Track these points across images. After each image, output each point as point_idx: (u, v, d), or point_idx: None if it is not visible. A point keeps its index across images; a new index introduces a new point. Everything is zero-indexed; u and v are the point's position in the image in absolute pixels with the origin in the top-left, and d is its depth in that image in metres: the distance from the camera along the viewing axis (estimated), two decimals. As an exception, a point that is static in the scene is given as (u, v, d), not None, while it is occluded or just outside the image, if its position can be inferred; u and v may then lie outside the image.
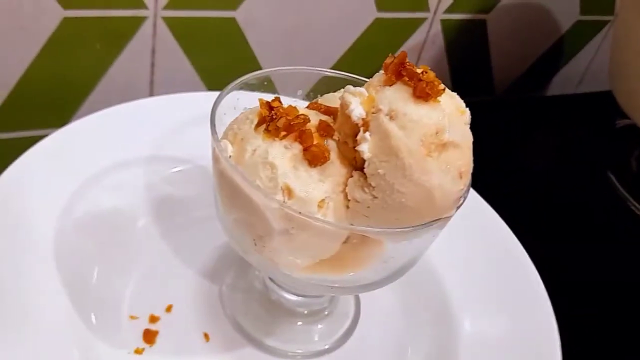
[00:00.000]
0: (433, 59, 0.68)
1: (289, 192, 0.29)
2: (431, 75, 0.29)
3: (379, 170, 0.29)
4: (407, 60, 0.31)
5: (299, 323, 0.42)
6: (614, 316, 0.50)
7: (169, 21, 0.52)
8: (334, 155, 0.30)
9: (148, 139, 0.47)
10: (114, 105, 0.48)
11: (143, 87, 0.55)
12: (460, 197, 0.31)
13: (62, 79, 0.52)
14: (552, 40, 0.75)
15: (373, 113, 0.29)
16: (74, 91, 0.53)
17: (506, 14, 0.68)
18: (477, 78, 0.74)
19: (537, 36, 0.73)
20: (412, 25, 0.64)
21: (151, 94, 0.56)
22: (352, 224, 0.30)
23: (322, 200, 0.30)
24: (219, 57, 0.56)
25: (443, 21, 0.65)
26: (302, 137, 0.29)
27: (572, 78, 0.80)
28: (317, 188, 0.29)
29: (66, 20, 0.48)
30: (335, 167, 0.30)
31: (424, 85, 0.28)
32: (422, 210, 0.29)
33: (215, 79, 0.58)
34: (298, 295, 0.41)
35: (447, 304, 0.44)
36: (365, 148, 0.29)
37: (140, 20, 0.51)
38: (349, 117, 0.30)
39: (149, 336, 0.38)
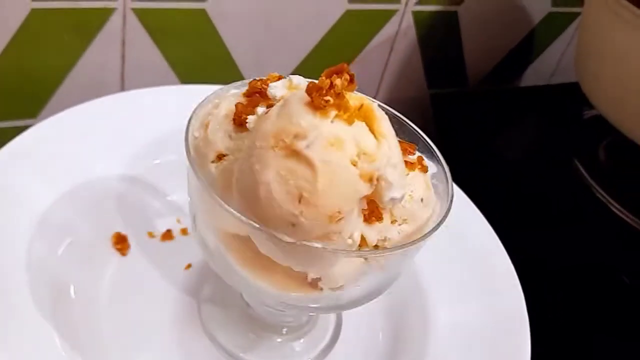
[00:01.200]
0: (405, 51, 0.69)
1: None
2: (350, 104, 0.28)
3: (246, 142, 0.30)
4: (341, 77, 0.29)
5: (279, 340, 0.42)
6: (582, 298, 0.52)
7: (138, 12, 0.53)
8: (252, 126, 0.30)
9: (122, 134, 0.48)
10: (84, 98, 0.49)
11: (114, 79, 0.56)
12: (294, 222, 0.28)
13: (31, 71, 0.52)
14: (525, 32, 0.75)
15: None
16: (44, 83, 0.53)
17: (477, 5, 0.69)
18: (450, 70, 0.74)
19: (509, 28, 0.74)
20: (384, 17, 0.64)
21: (122, 86, 0.56)
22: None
23: (221, 154, 0.30)
24: (191, 49, 0.57)
25: (415, 13, 0.65)
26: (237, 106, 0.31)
27: (545, 69, 0.81)
28: (224, 140, 0.30)
29: (34, 12, 0.49)
30: (248, 134, 0.30)
31: (318, 98, 0.27)
32: (248, 201, 0.28)
33: (188, 71, 0.58)
34: (277, 310, 0.40)
35: (425, 298, 0.44)
36: (252, 119, 0.30)
37: (109, 12, 0.51)
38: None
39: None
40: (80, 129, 0.47)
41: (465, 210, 0.50)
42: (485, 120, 0.72)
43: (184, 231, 0.46)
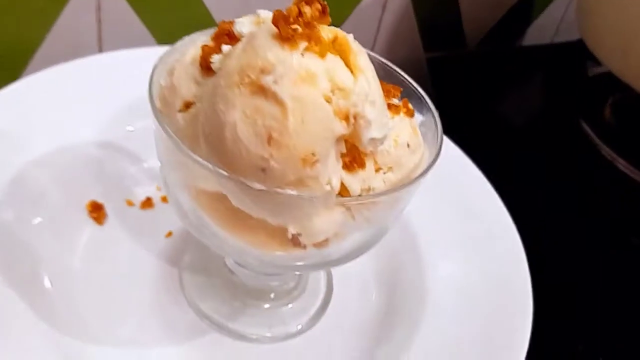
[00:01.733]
0: (399, 11, 0.65)
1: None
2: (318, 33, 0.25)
3: (212, 81, 0.27)
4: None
5: (266, 306, 0.40)
6: (590, 258, 0.49)
7: (112, -26, 0.50)
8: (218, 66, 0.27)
9: (98, 97, 0.45)
10: (61, 63, 0.47)
11: (91, 44, 0.53)
12: (264, 167, 0.25)
13: (6, 37, 0.49)
14: (525, -11, 0.72)
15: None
16: (20, 49, 0.51)
17: (474, -40, 0.65)
18: (447, 31, 0.71)
19: (508, -16, 0.71)
20: (375, -26, 0.61)
21: (100, 50, 0.54)
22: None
23: (188, 102, 0.28)
24: (169, 11, 0.54)
25: (407, -30, 0.62)
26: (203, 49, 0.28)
27: (547, 28, 0.78)
28: (190, 87, 0.28)
29: (3, -25, 0.46)
30: (215, 77, 0.28)
31: (286, 27, 0.25)
32: (215, 148, 0.26)
33: (166, 33, 0.55)
34: (263, 274, 0.38)
35: (421, 256, 0.42)
36: (217, 59, 0.27)
37: (81, -27, 0.49)
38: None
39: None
40: (53, 92, 0.45)
41: (461, 166, 0.48)
42: (486, 83, 0.69)
43: (165, 199, 0.44)
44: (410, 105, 0.31)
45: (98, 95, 0.46)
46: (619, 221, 0.54)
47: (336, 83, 0.25)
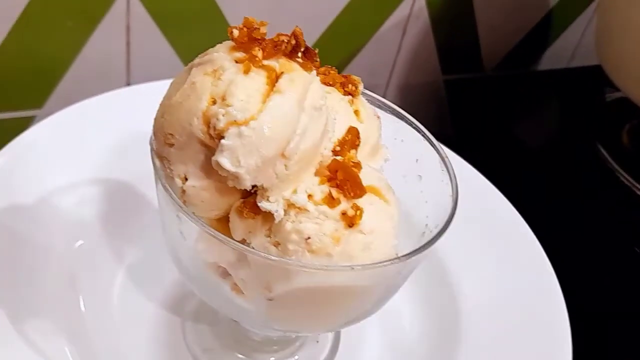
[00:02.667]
0: (418, 35, 0.66)
1: None
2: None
3: None
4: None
5: (272, 359, 0.38)
6: (609, 284, 0.50)
7: (143, -2, 0.51)
8: None
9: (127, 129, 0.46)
10: (90, 86, 0.48)
11: (120, 66, 0.54)
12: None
13: (35, 59, 0.51)
14: (541, 14, 0.73)
15: None
16: (49, 71, 0.52)
17: (492, -14, 0.66)
18: (465, 54, 0.72)
19: (525, 10, 0.71)
20: (395, 0, 0.62)
21: (128, 74, 0.55)
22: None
23: None
24: (197, 35, 0.55)
25: (427, -5, 0.63)
26: None
27: (563, 53, 0.79)
28: None
29: (36, -1, 0.48)
30: None
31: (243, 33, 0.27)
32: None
33: (194, 55, 0.56)
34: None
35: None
36: None
37: (112, -2, 0.50)
38: None
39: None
40: (94, 124, 0.46)
41: (487, 193, 0.48)
42: (503, 107, 0.70)
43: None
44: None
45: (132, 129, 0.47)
46: (636, 246, 0.54)
47: (229, 93, 0.25)
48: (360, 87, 0.32)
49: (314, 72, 0.28)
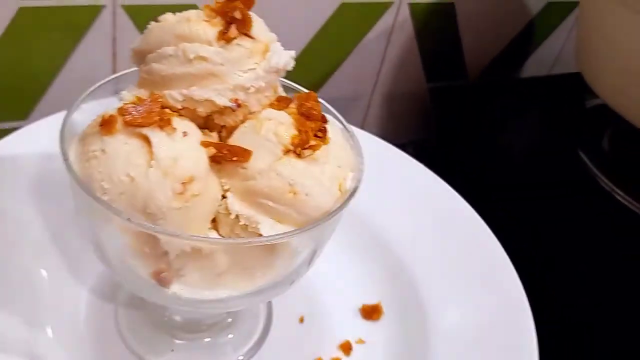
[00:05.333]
0: (402, 44, 0.67)
1: None
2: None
3: None
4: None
5: (207, 339, 0.39)
6: (589, 288, 0.50)
7: (128, 9, 0.52)
8: None
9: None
10: (76, 97, 0.48)
11: (105, 75, 0.55)
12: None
13: (21, 70, 0.51)
14: (523, 23, 0.74)
15: None
16: (35, 82, 0.52)
17: (475, -4, 0.68)
18: (449, 63, 0.73)
19: (507, 19, 0.73)
20: (379, 10, 0.63)
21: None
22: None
23: None
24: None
25: (411, 5, 0.64)
26: None
27: (545, 60, 0.80)
28: None
29: (22, 10, 0.48)
30: None
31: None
32: None
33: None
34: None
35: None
36: None
37: (97, 9, 0.50)
38: None
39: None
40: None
41: (456, 205, 0.48)
42: (486, 114, 0.71)
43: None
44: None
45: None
46: (617, 251, 0.55)
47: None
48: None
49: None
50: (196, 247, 0.28)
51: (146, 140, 0.28)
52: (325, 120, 0.31)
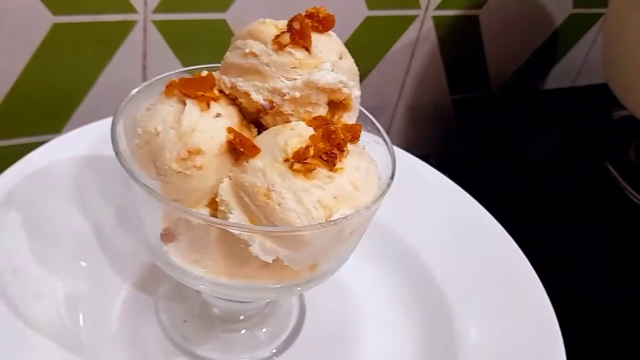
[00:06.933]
0: (426, 56, 0.68)
1: None
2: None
3: None
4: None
5: (243, 331, 0.41)
6: (618, 303, 0.50)
7: (159, 24, 0.53)
8: None
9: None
10: (108, 111, 0.48)
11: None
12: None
13: (54, 85, 0.52)
14: (547, 35, 0.74)
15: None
16: (67, 97, 0.53)
17: (498, 8, 0.68)
18: (472, 74, 0.73)
19: (531, 30, 0.73)
20: (404, 23, 0.63)
21: (144, 98, 0.56)
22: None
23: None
24: (210, 59, 0.56)
25: (435, 18, 0.65)
26: None
27: (569, 71, 0.80)
28: None
29: (56, 26, 0.49)
30: None
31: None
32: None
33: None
34: (231, 300, 0.39)
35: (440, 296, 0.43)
36: None
37: (130, 24, 0.51)
38: None
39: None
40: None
41: (480, 217, 0.48)
42: (510, 125, 0.71)
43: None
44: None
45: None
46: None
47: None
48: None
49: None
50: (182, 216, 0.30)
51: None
52: (341, 149, 0.30)
